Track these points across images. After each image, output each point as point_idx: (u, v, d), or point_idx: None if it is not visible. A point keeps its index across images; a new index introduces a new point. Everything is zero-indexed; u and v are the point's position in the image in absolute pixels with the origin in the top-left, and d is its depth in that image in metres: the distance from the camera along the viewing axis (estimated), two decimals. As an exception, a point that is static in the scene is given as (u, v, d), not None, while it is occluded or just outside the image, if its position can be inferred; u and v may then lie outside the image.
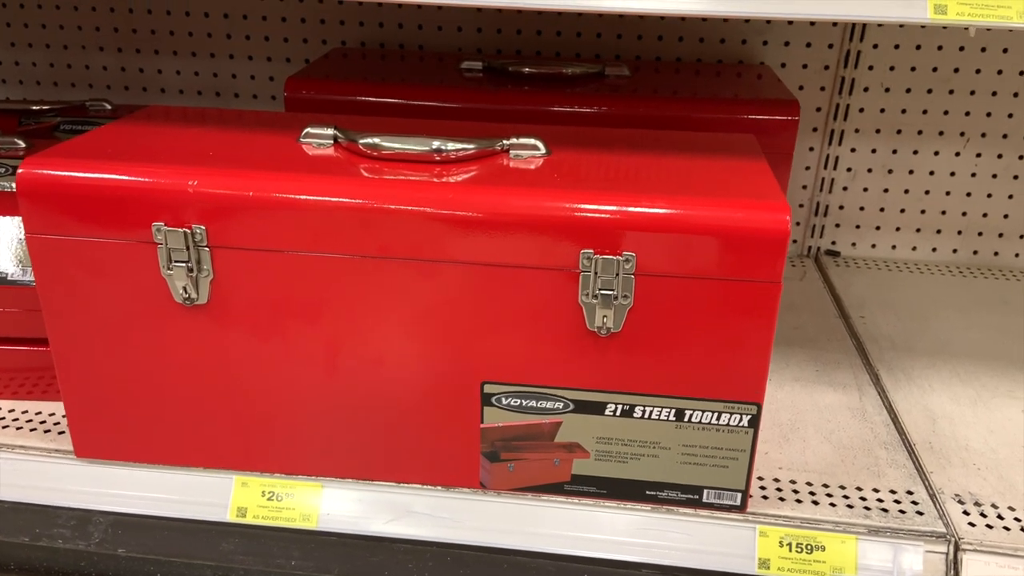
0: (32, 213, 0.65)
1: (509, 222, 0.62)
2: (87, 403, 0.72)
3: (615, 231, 0.61)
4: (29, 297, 0.78)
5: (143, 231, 0.64)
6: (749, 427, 0.66)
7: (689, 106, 0.95)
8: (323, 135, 0.72)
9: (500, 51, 1.21)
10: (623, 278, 0.62)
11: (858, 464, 0.77)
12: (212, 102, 1.28)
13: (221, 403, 0.70)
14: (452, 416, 0.69)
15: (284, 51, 1.23)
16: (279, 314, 0.67)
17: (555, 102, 0.96)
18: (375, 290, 0.66)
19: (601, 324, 0.63)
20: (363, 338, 0.67)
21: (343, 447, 0.72)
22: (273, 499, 0.73)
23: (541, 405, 0.68)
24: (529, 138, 0.71)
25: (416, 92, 0.97)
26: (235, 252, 0.65)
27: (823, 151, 1.18)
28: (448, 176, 0.66)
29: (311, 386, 0.69)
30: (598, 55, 1.19)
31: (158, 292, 0.66)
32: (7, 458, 0.76)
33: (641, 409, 0.66)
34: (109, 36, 1.26)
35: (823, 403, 0.86)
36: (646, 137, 0.77)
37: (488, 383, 0.67)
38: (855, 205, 1.20)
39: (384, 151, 0.69)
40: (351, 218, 0.63)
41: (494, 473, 0.71)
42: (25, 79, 1.31)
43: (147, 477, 0.74)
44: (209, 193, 0.63)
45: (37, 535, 0.76)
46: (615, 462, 0.69)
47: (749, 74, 1.10)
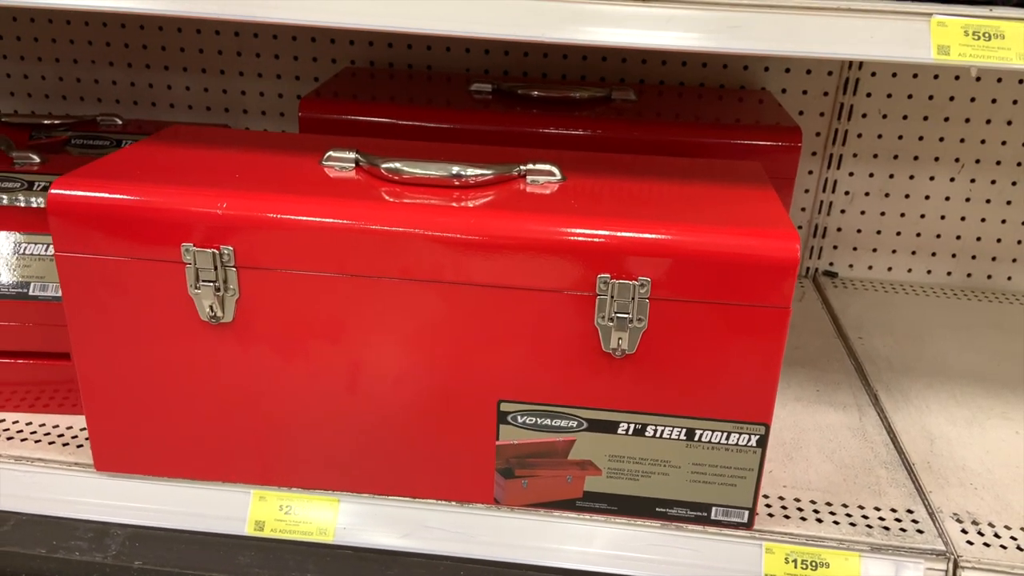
0: (62, 232, 0.66)
1: (528, 247, 0.64)
2: (109, 417, 0.73)
3: (632, 257, 0.63)
4: (51, 312, 0.79)
5: (171, 251, 0.66)
6: (757, 447, 0.68)
7: (694, 131, 0.97)
8: (345, 158, 0.74)
9: (507, 72, 1.23)
10: (638, 302, 0.64)
11: (860, 483, 0.79)
12: (221, 118, 1.30)
13: (241, 419, 0.72)
14: (468, 433, 0.71)
15: (293, 69, 1.25)
16: (301, 333, 0.68)
17: (563, 125, 0.98)
18: (395, 310, 0.67)
19: (616, 346, 0.65)
20: (382, 357, 0.69)
21: (360, 463, 0.73)
22: (290, 513, 0.74)
23: (555, 423, 0.69)
24: (545, 164, 0.73)
25: (428, 114, 0.99)
26: (261, 272, 0.67)
27: (822, 174, 1.21)
28: (467, 200, 0.68)
29: (331, 403, 0.71)
30: (603, 78, 1.22)
31: (184, 310, 0.68)
32: (27, 471, 0.77)
33: (653, 428, 0.68)
34: (119, 51, 1.27)
35: (824, 423, 0.88)
36: (657, 163, 0.80)
37: (504, 401, 0.69)
38: (852, 227, 1.23)
39: (405, 175, 0.71)
40: (373, 241, 0.65)
41: (508, 489, 0.72)
42: (34, 92, 1.33)
43: (165, 491, 0.75)
44: (238, 215, 0.65)
45: (54, 547, 0.77)
46: (626, 480, 0.70)
47: (751, 99, 1.13)
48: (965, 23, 0.62)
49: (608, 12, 0.63)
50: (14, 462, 0.77)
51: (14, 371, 0.82)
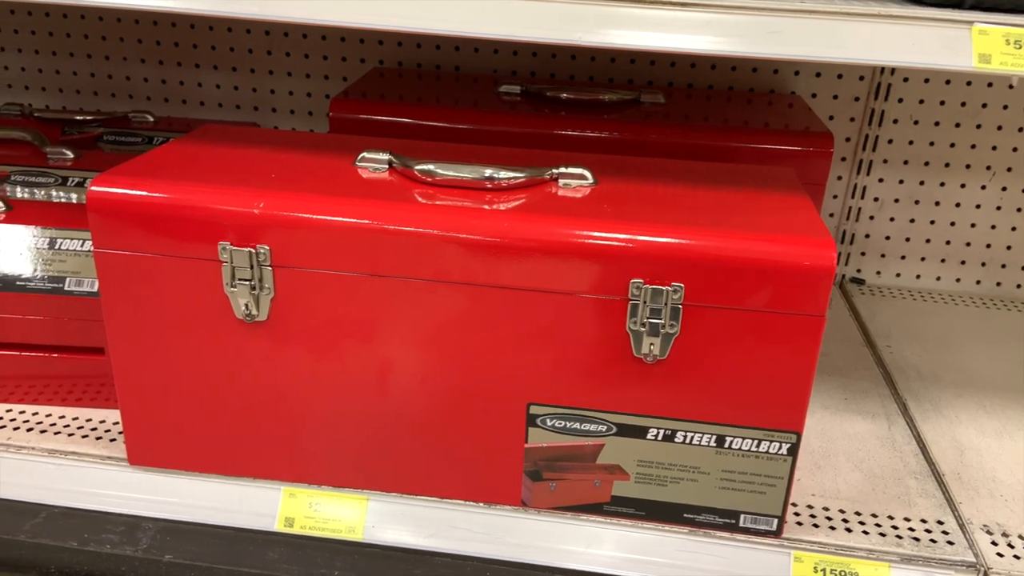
0: (101, 229, 0.67)
1: (561, 250, 0.65)
2: (143, 412, 0.74)
3: (666, 262, 0.63)
4: (86, 307, 0.80)
5: (208, 249, 0.67)
6: (788, 455, 0.68)
7: (724, 135, 0.97)
8: (378, 160, 0.74)
9: (535, 73, 1.23)
10: (671, 308, 0.64)
11: (889, 493, 0.78)
12: (250, 116, 1.31)
13: (273, 416, 0.73)
14: (497, 435, 0.71)
15: (323, 68, 1.26)
16: (334, 332, 0.69)
17: (592, 128, 0.98)
18: (427, 312, 0.68)
19: (648, 351, 0.65)
20: (413, 357, 0.69)
21: (389, 462, 0.74)
22: (319, 510, 0.75)
23: (585, 427, 0.70)
24: (577, 167, 0.73)
25: (457, 115, 0.99)
26: (296, 272, 0.67)
27: (851, 180, 1.20)
28: (500, 203, 0.69)
29: (361, 402, 0.71)
30: (631, 80, 1.22)
31: (220, 308, 0.68)
32: (60, 464, 0.78)
33: (683, 434, 0.68)
34: (151, 48, 1.29)
35: (853, 431, 0.88)
36: (689, 168, 0.79)
37: (534, 404, 0.69)
38: (881, 234, 1.22)
39: (438, 177, 0.71)
40: (407, 243, 0.66)
41: (536, 492, 0.73)
42: (66, 88, 1.34)
43: (197, 486, 0.76)
44: (274, 215, 0.65)
45: (85, 540, 0.77)
46: (655, 485, 0.70)
47: (780, 103, 1.12)
48: (1006, 32, 0.61)
49: (644, 16, 0.63)
50: (47, 455, 0.79)
51: (49, 365, 0.83)
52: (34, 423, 0.83)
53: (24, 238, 0.82)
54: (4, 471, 0.78)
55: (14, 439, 0.80)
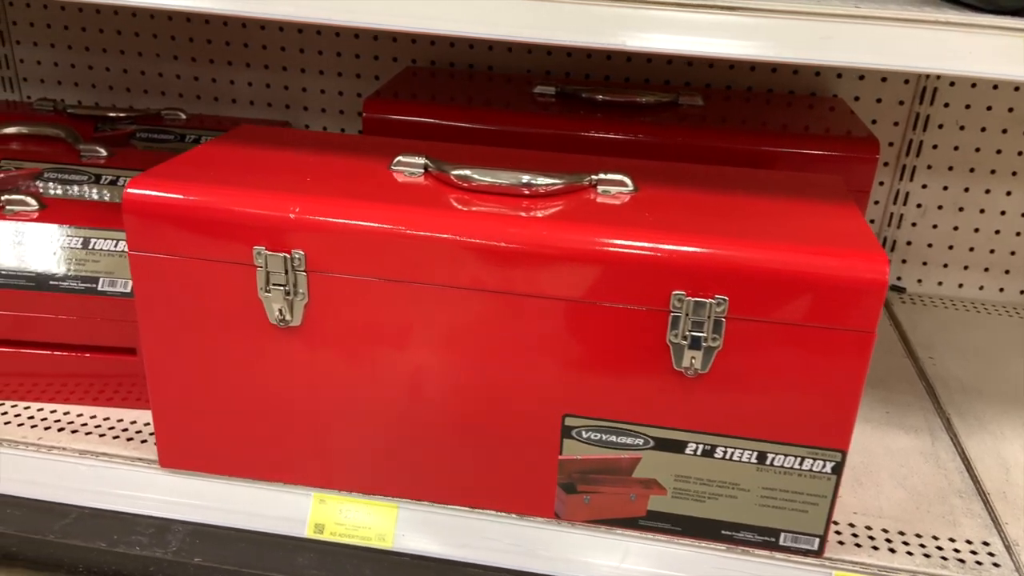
0: (136, 232, 0.67)
1: (600, 260, 0.63)
2: (175, 414, 0.73)
3: (709, 274, 0.61)
4: (119, 307, 0.80)
5: (243, 254, 0.66)
6: (832, 474, 0.66)
7: (767, 140, 0.95)
8: (414, 163, 0.73)
9: (569, 73, 1.22)
10: (714, 321, 0.62)
11: (933, 512, 0.76)
12: (282, 114, 1.30)
13: (305, 421, 0.72)
14: (531, 446, 0.70)
15: (355, 67, 1.25)
16: (368, 339, 0.68)
17: (629, 131, 0.96)
18: (462, 320, 0.66)
19: (688, 365, 0.64)
20: (447, 366, 0.68)
21: (421, 470, 0.72)
22: (350, 517, 0.74)
23: (621, 440, 0.68)
24: (617, 174, 0.71)
25: (492, 117, 0.98)
26: (330, 278, 0.66)
27: (893, 186, 1.17)
28: (537, 210, 0.67)
29: (394, 409, 0.70)
30: (667, 81, 1.20)
31: (253, 312, 0.68)
32: (91, 465, 0.78)
33: (723, 450, 0.66)
34: (183, 45, 1.29)
35: (895, 447, 0.85)
36: (732, 175, 0.77)
37: (569, 416, 0.68)
38: (923, 242, 1.19)
39: (474, 183, 0.69)
40: (443, 251, 0.64)
41: (569, 504, 0.71)
42: (98, 84, 1.35)
43: (228, 489, 0.76)
44: (310, 220, 0.64)
45: (115, 541, 0.77)
46: (692, 500, 0.69)
47: (822, 106, 1.10)
48: (1067, 39, 0.59)
49: (690, 20, 0.61)
50: (78, 456, 0.78)
51: (81, 364, 0.83)
52: (65, 423, 0.83)
53: (58, 237, 0.82)
54: (36, 471, 0.78)
55: (45, 439, 0.80)
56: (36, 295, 0.80)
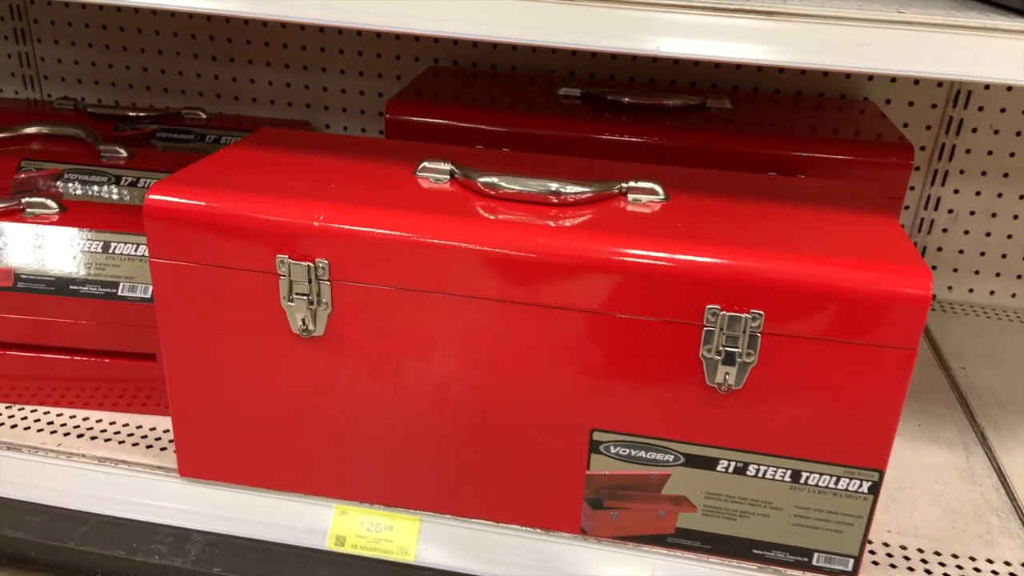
0: (158, 238, 0.65)
1: (633, 273, 0.61)
2: (195, 423, 0.72)
3: (745, 288, 0.59)
4: (140, 313, 0.79)
5: (266, 262, 0.64)
6: (869, 494, 0.64)
7: (798, 144, 0.92)
8: (439, 169, 0.71)
9: (594, 75, 1.20)
10: (749, 336, 0.60)
11: (970, 531, 0.74)
12: (302, 114, 1.29)
13: (327, 432, 0.71)
14: (557, 460, 0.68)
15: (376, 67, 1.24)
16: (392, 349, 0.67)
17: (657, 135, 0.94)
18: (489, 332, 0.65)
19: (722, 380, 0.62)
20: (473, 378, 0.67)
21: (445, 482, 0.71)
22: (372, 530, 0.73)
23: (650, 456, 0.66)
24: (648, 182, 0.70)
25: (517, 119, 0.96)
26: (355, 287, 0.65)
27: (924, 191, 1.14)
28: (566, 219, 0.65)
29: (417, 421, 0.69)
30: (694, 82, 1.18)
31: (276, 322, 0.66)
32: (110, 472, 0.77)
33: (755, 468, 0.65)
34: (204, 44, 1.28)
35: (928, 462, 0.83)
36: (766, 183, 0.75)
37: (597, 430, 0.66)
38: (954, 248, 1.17)
39: (501, 191, 0.68)
40: (469, 261, 0.63)
41: (596, 520, 0.69)
42: (118, 82, 1.34)
43: (248, 499, 0.75)
44: (334, 229, 0.63)
45: (134, 549, 0.76)
46: (723, 518, 0.67)
47: (852, 109, 1.07)
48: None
49: (729, 26, 0.59)
50: (97, 463, 0.78)
51: (100, 370, 0.82)
52: (84, 429, 0.82)
53: (78, 241, 0.81)
54: (54, 478, 0.77)
55: (64, 445, 0.80)
56: (56, 299, 0.79)
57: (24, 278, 0.80)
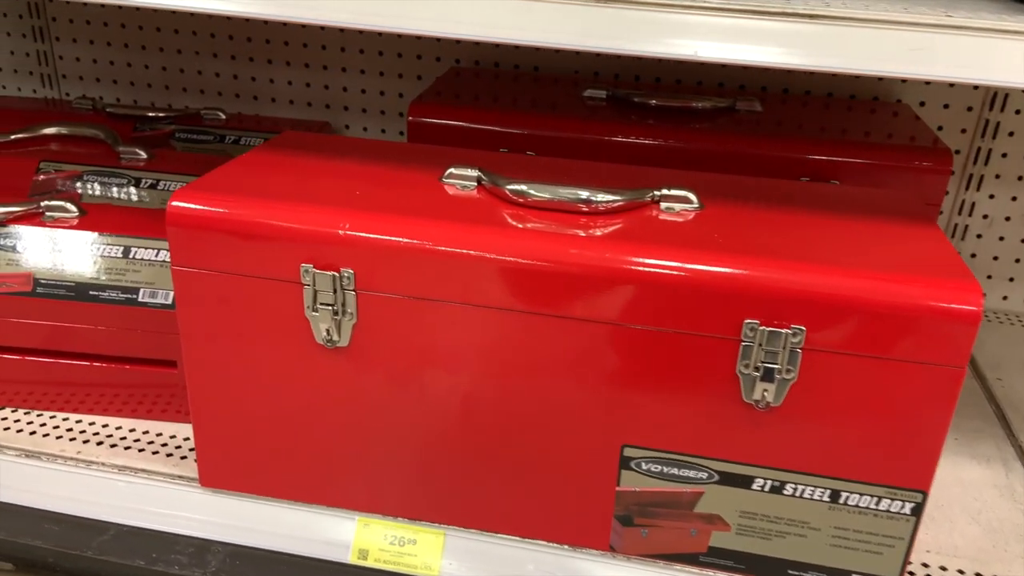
0: (180, 246, 0.64)
1: (667, 285, 0.59)
2: (216, 433, 0.71)
3: (786, 303, 0.57)
4: (160, 319, 0.77)
5: (290, 271, 0.63)
6: (911, 515, 0.61)
7: (833, 149, 0.90)
8: (466, 176, 0.69)
9: (618, 75, 1.17)
10: (789, 352, 0.58)
11: (1011, 552, 0.72)
12: (322, 114, 1.27)
13: (350, 444, 0.69)
14: (586, 476, 0.66)
15: (397, 66, 1.22)
16: (418, 361, 0.65)
17: (685, 138, 0.92)
18: (518, 344, 0.63)
19: (760, 397, 0.60)
20: (500, 391, 0.65)
21: (470, 496, 0.69)
22: (395, 543, 0.71)
23: (683, 473, 0.64)
24: (681, 190, 0.67)
25: (542, 122, 0.94)
26: (380, 297, 0.63)
27: (959, 195, 1.11)
28: (596, 229, 0.63)
29: (443, 433, 0.67)
30: (721, 83, 1.15)
31: (299, 332, 0.65)
32: (130, 481, 0.76)
33: (793, 487, 0.62)
34: (223, 43, 1.26)
35: (966, 478, 0.80)
36: (801, 190, 0.73)
37: (628, 446, 0.64)
38: (989, 254, 1.14)
39: (530, 199, 0.66)
40: (499, 272, 0.61)
41: (626, 537, 0.68)
42: (137, 81, 1.33)
43: (270, 511, 0.73)
44: (360, 238, 0.61)
45: (153, 559, 0.75)
46: (758, 538, 0.65)
47: (885, 112, 1.05)
48: None
49: (771, 30, 0.57)
50: (117, 472, 0.76)
51: (120, 376, 0.81)
52: (104, 436, 0.81)
53: (98, 246, 0.80)
54: (74, 486, 0.76)
55: (84, 452, 0.78)
56: (76, 305, 0.78)
57: (43, 283, 0.78)
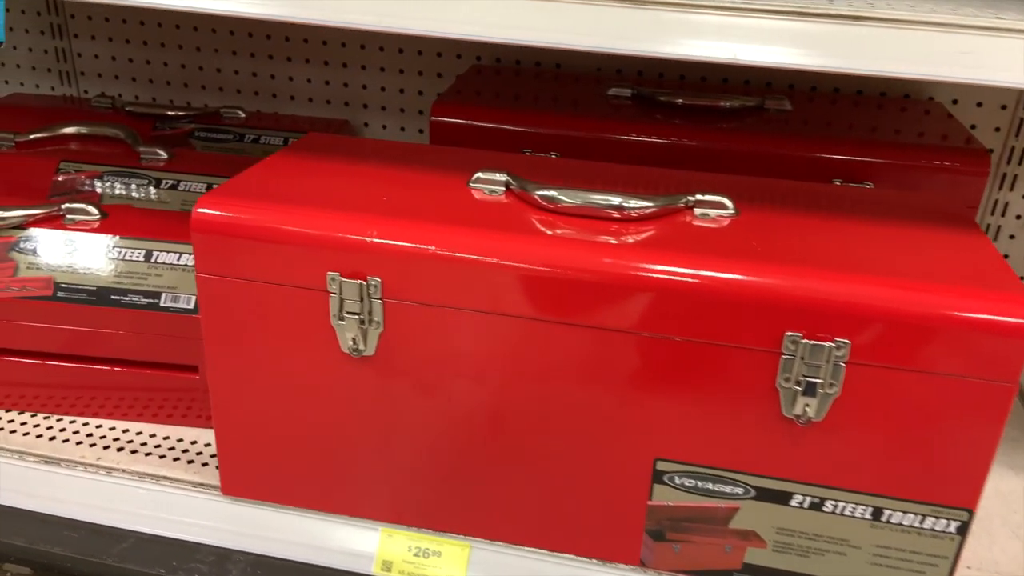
0: (205, 253, 0.63)
1: (705, 296, 0.57)
2: (239, 441, 0.70)
3: (830, 315, 0.55)
4: (182, 324, 0.76)
5: (316, 279, 0.61)
6: (956, 534, 0.59)
7: (865, 150, 0.87)
8: (494, 180, 0.68)
9: (641, 72, 1.15)
10: (833, 366, 0.56)
11: (1055, 569, 0.69)
12: (341, 112, 1.26)
13: (375, 453, 0.68)
14: (617, 489, 0.65)
15: (417, 64, 1.20)
16: (445, 371, 0.63)
17: (713, 139, 0.90)
18: (547, 355, 0.61)
19: (800, 412, 0.58)
20: (529, 402, 0.63)
21: (496, 508, 0.68)
22: (420, 555, 0.70)
23: (718, 488, 0.62)
24: (716, 195, 0.66)
25: (567, 122, 0.92)
26: (408, 306, 0.61)
27: (991, 195, 1.09)
28: (629, 236, 0.62)
29: (470, 444, 0.66)
30: (747, 81, 1.13)
31: (325, 340, 0.63)
32: (151, 489, 0.75)
33: (833, 504, 0.61)
34: (242, 40, 1.25)
35: (1005, 489, 0.78)
36: (839, 195, 0.71)
37: (661, 460, 0.63)
38: (1022, 256, 1.11)
39: (560, 205, 0.64)
40: (530, 281, 0.59)
41: (657, 553, 0.66)
42: (155, 79, 1.32)
43: (292, 521, 0.72)
44: (388, 246, 0.60)
45: (173, 568, 0.74)
46: (795, 555, 0.63)
47: (916, 109, 1.02)
48: None
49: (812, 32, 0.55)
50: (138, 479, 0.75)
51: (140, 381, 0.80)
52: (124, 442, 0.80)
53: (119, 250, 0.78)
54: (94, 494, 0.75)
55: (104, 459, 0.77)
56: (96, 310, 0.77)
57: (64, 287, 0.77)
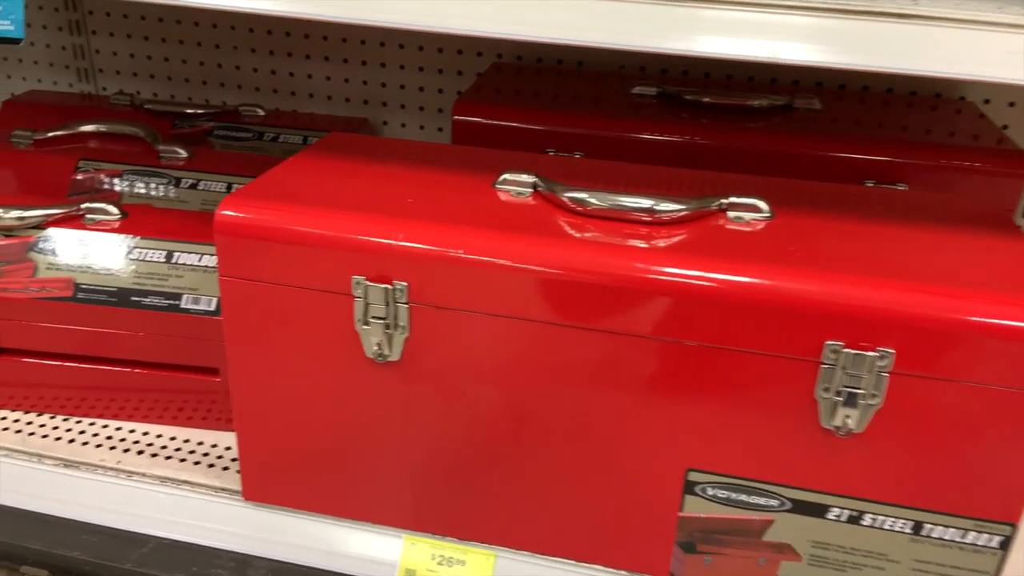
0: (228, 256, 0.61)
1: (740, 302, 0.55)
2: (261, 446, 0.69)
3: (873, 324, 0.53)
4: (203, 326, 0.75)
5: (341, 282, 0.60)
6: (999, 549, 0.58)
7: (898, 150, 0.85)
8: (521, 182, 0.66)
9: (665, 70, 1.13)
10: (875, 376, 0.54)
11: (1098, 585, 0.67)
12: (359, 110, 1.25)
13: (399, 460, 0.66)
14: (647, 500, 0.63)
15: (437, 61, 1.19)
16: (471, 377, 0.62)
17: (741, 139, 0.88)
18: (578, 361, 0.60)
19: (840, 423, 0.56)
20: (556, 409, 0.62)
21: (522, 517, 0.66)
22: (443, 564, 0.69)
23: (752, 500, 0.61)
24: (751, 198, 0.64)
25: (591, 122, 0.91)
26: (434, 310, 0.60)
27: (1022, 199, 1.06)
28: (660, 240, 0.60)
29: (497, 452, 0.64)
30: (774, 79, 1.11)
31: (349, 345, 0.62)
32: (171, 493, 0.74)
33: (872, 517, 0.59)
34: (261, 38, 1.24)
35: (1044, 501, 0.76)
36: (874, 197, 0.69)
37: (693, 470, 0.61)
38: (1056, 260, 1.08)
39: (589, 207, 0.62)
40: (559, 286, 0.58)
41: (688, 565, 0.64)
42: (174, 76, 1.31)
43: (314, 527, 0.71)
44: (414, 250, 0.58)
45: (193, 573, 0.73)
46: (831, 570, 0.61)
47: (947, 109, 1.00)
48: None
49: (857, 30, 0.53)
50: (159, 483, 0.74)
51: (161, 383, 0.79)
52: (144, 445, 0.79)
53: (140, 250, 0.77)
54: (114, 498, 0.74)
55: (124, 462, 0.77)
56: (117, 311, 0.76)
57: (84, 288, 0.76)
